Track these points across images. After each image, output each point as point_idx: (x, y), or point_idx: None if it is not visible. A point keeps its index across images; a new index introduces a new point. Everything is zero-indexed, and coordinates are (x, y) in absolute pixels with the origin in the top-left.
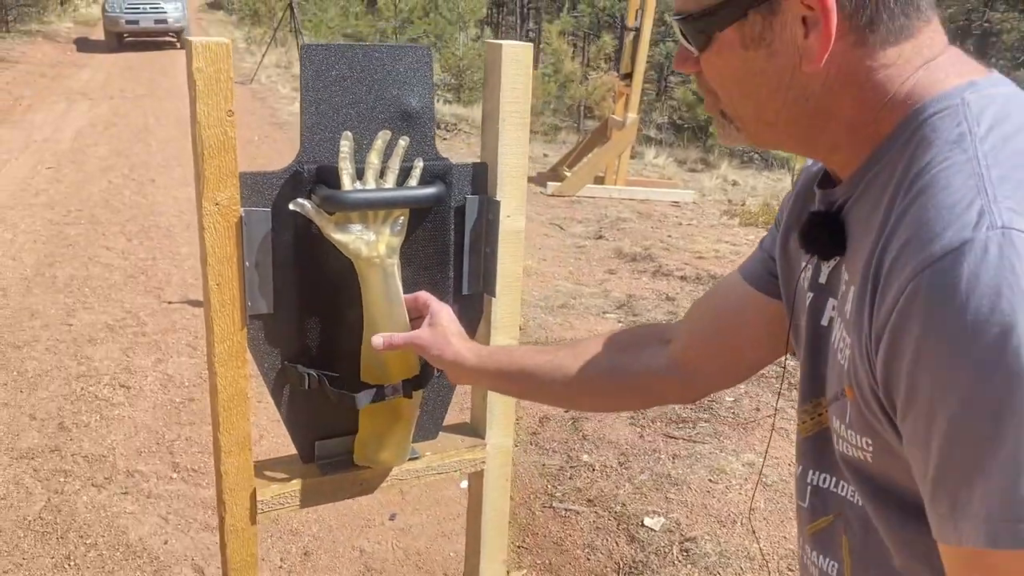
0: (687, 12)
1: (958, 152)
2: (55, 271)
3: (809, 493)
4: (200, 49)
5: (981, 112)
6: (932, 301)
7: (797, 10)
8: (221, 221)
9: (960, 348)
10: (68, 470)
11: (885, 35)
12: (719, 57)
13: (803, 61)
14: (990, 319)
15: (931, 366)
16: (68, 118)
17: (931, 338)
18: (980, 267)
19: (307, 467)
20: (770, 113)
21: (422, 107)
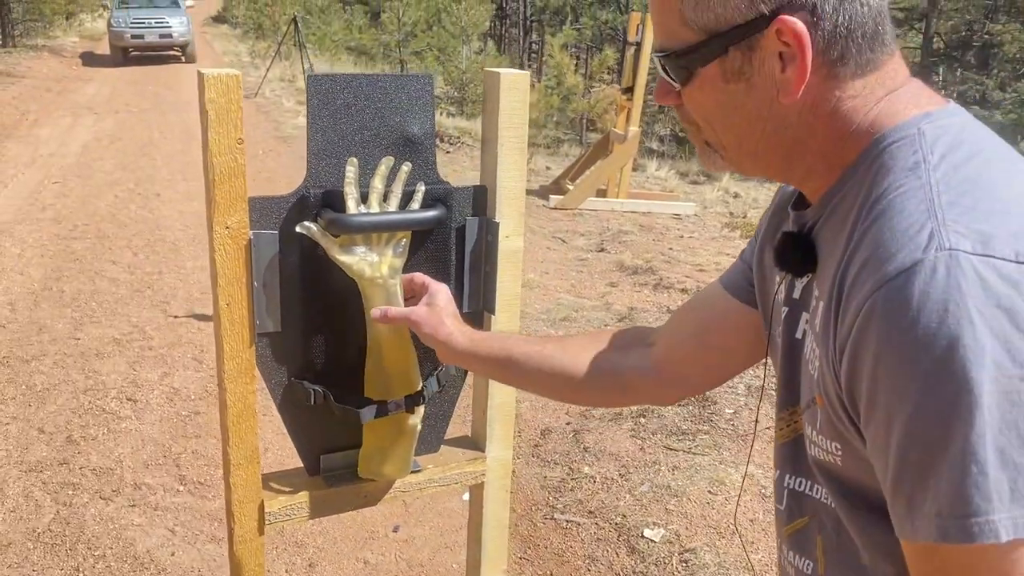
0: (669, 49)
1: (913, 179)
2: (62, 285)
3: (786, 496)
4: (212, 81)
5: (935, 141)
6: (887, 317)
7: (774, 47)
8: (231, 244)
9: (912, 360)
10: (76, 483)
11: (854, 68)
12: (701, 91)
13: (780, 93)
14: (938, 333)
15: (887, 377)
16: (74, 132)
17: (886, 351)
18: (929, 286)
19: (313, 480)
20: (750, 143)
21: (424, 133)
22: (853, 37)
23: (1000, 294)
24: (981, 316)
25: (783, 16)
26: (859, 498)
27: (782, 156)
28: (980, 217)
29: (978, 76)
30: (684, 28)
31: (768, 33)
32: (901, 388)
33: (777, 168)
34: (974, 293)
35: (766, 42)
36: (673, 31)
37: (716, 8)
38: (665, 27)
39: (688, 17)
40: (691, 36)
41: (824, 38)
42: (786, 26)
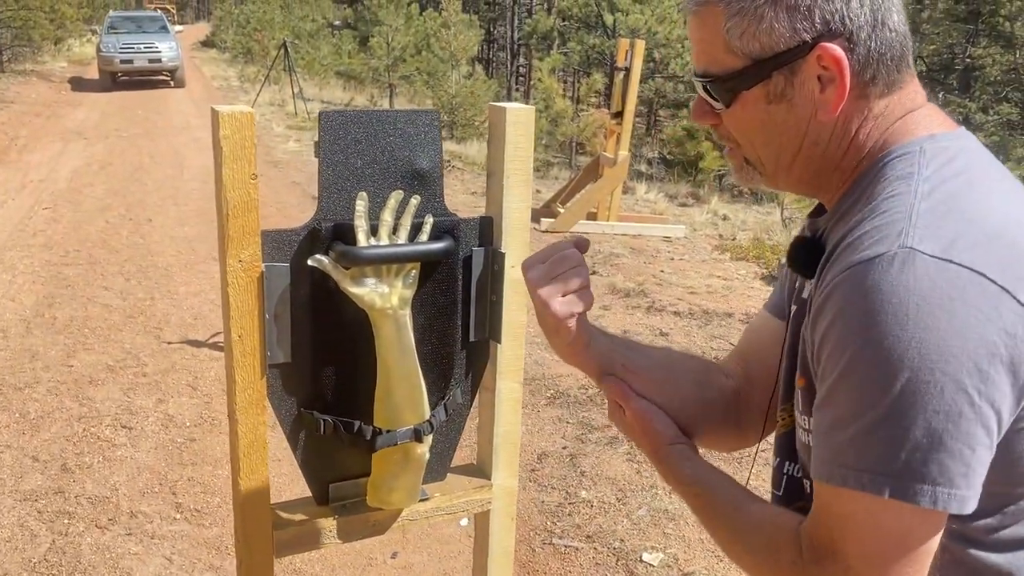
0: (715, 74)
1: (902, 186)
2: (54, 312)
3: (785, 482)
4: (226, 118)
5: (932, 158)
6: (844, 294)
7: (814, 70)
8: (243, 277)
9: (854, 331)
10: (72, 512)
11: (882, 88)
12: (743, 111)
13: (819, 112)
14: (879, 314)
15: (833, 341)
16: (64, 158)
17: (837, 321)
18: (884, 275)
19: (321, 509)
20: (787, 158)
21: (431, 167)
22: (883, 60)
23: (944, 295)
24: (919, 311)
25: (824, 44)
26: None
27: (813, 170)
28: (949, 225)
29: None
30: (729, 55)
31: (809, 58)
32: (839, 353)
33: (808, 182)
34: (919, 290)
35: (807, 66)
36: (717, 58)
37: (762, 37)
38: (709, 54)
39: (734, 45)
40: (736, 62)
41: (859, 61)
42: (827, 52)
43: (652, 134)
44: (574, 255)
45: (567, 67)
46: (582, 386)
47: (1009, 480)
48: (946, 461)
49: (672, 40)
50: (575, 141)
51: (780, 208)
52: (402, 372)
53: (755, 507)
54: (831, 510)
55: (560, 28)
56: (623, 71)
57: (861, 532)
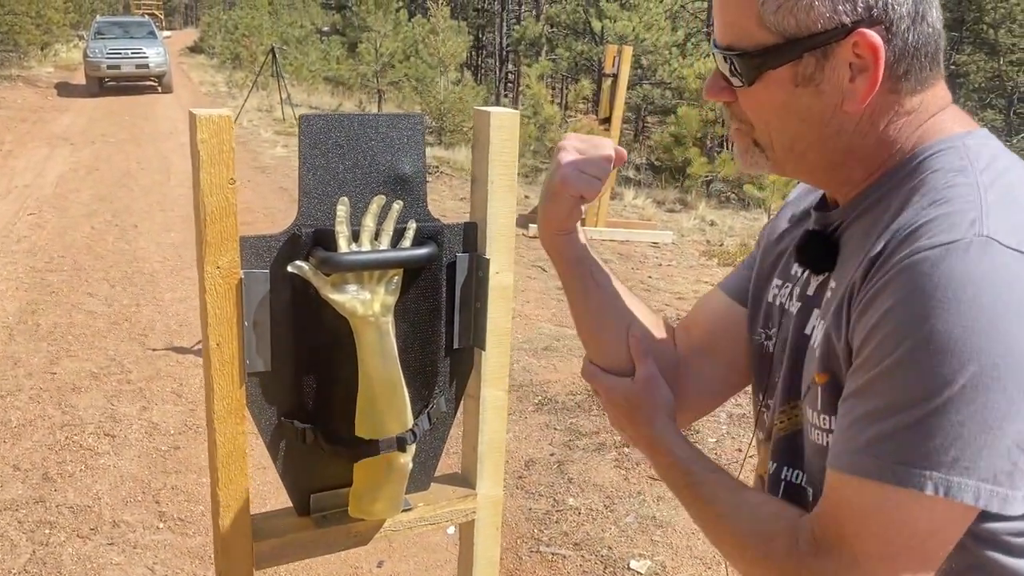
0: (742, 48)
1: (961, 178)
2: (38, 319)
3: (783, 489)
4: (204, 122)
5: (979, 153)
6: (911, 279)
7: (847, 57)
8: (222, 283)
9: (918, 318)
10: (53, 521)
11: (913, 84)
12: (766, 91)
13: (846, 102)
14: (951, 302)
15: (888, 328)
16: (50, 163)
17: (897, 308)
18: (958, 261)
19: (303, 519)
20: (802, 145)
21: (415, 172)
22: (918, 55)
23: (1021, 288)
24: (994, 302)
25: (862, 29)
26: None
27: (829, 161)
28: (1019, 217)
29: None
30: (761, 29)
31: (845, 43)
32: (894, 344)
33: (820, 172)
34: (997, 280)
35: (841, 51)
36: (747, 31)
37: (799, 14)
38: (738, 26)
39: (767, 20)
40: (767, 38)
41: (895, 54)
42: (864, 39)
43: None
44: (608, 149)
45: (555, 73)
46: (570, 392)
47: None
48: (995, 459)
49: (660, 47)
50: None
51: (767, 213)
52: (384, 380)
53: (750, 493)
54: (850, 503)
55: (548, 35)
56: (611, 77)
57: (882, 528)
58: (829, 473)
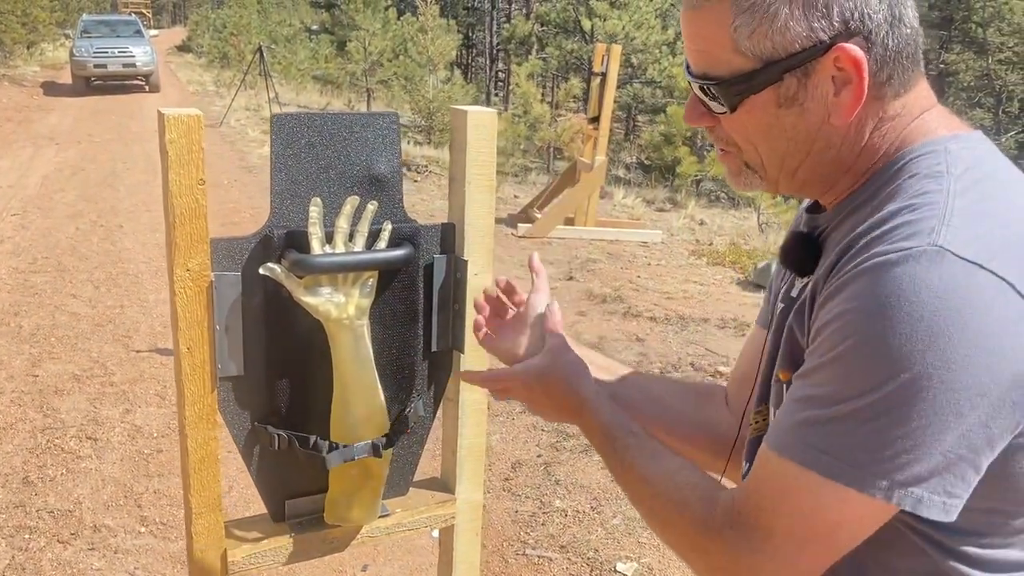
0: (718, 76)
1: (933, 184)
2: (20, 320)
3: None
4: (172, 121)
5: (959, 158)
6: (865, 282)
7: (829, 71)
8: (192, 286)
9: (864, 320)
10: (33, 526)
11: (896, 87)
12: (749, 116)
13: (832, 116)
14: (895, 308)
15: (838, 324)
16: (35, 163)
17: (850, 306)
18: (909, 269)
19: (278, 526)
20: (794, 162)
21: (390, 171)
22: (900, 59)
23: (966, 302)
24: (935, 314)
25: (842, 44)
26: None
27: (820, 175)
28: (983, 228)
29: None
30: (736, 55)
31: (825, 59)
32: (840, 338)
33: (814, 187)
34: (942, 292)
35: (822, 68)
36: (722, 58)
37: (775, 36)
38: (711, 55)
39: (742, 45)
40: (744, 63)
41: (877, 62)
42: (845, 53)
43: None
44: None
45: (545, 72)
46: None
47: (1004, 499)
48: (914, 463)
49: (650, 45)
50: (553, 146)
51: (757, 213)
52: (360, 385)
53: (669, 459)
54: (774, 482)
55: (538, 33)
56: (600, 76)
57: (799, 511)
58: (762, 448)
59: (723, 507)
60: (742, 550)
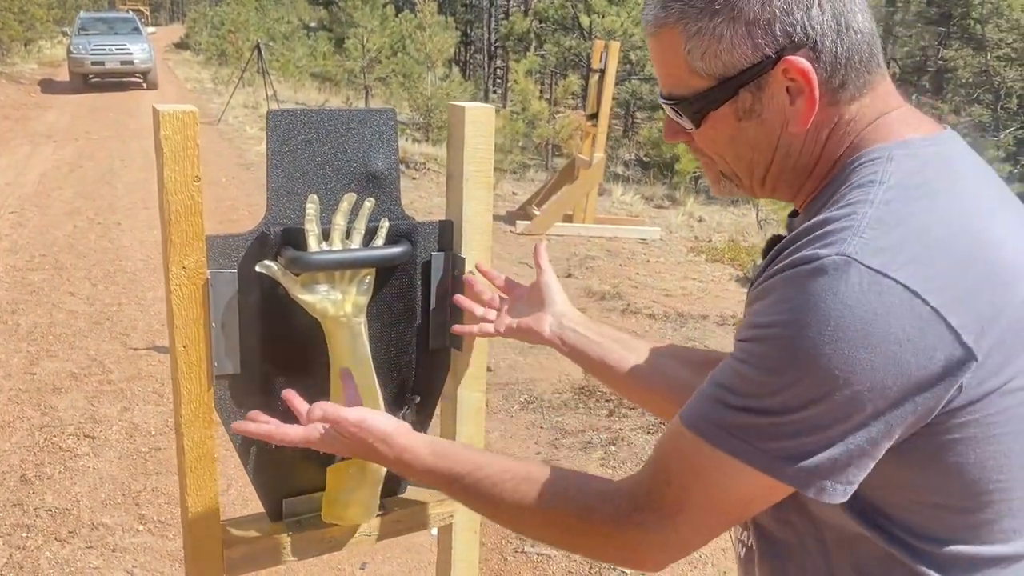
0: (681, 97)
1: (860, 193)
2: (18, 318)
3: None
4: (167, 117)
5: (900, 165)
6: (781, 289)
7: (781, 82)
8: (188, 284)
9: (777, 323)
10: (31, 524)
11: (852, 91)
12: (714, 130)
13: (790, 124)
14: (804, 315)
15: (760, 318)
16: (32, 161)
17: (772, 305)
18: (817, 279)
19: (275, 525)
20: (761, 170)
21: (387, 168)
22: (851, 64)
23: (870, 310)
24: (840, 322)
25: (788, 57)
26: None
27: (788, 180)
28: (895, 236)
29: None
30: (694, 76)
31: (775, 72)
32: (756, 337)
33: (784, 191)
34: (846, 300)
35: (774, 80)
36: (682, 79)
37: (723, 56)
38: (673, 77)
39: (696, 66)
40: (701, 83)
41: (827, 70)
42: (792, 65)
43: (629, 136)
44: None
45: (544, 69)
46: (556, 391)
47: (950, 494)
48: (820, 454)
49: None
50: (551, 143)
51: (756, 210)
52: (358, 382)
53: (537, 474)
54: (685, 458)
55: (536, 30)
56: (598, 73)
57: (711, 487)
58: (674, 421)
59: (626, 493)
60: (651, 526)
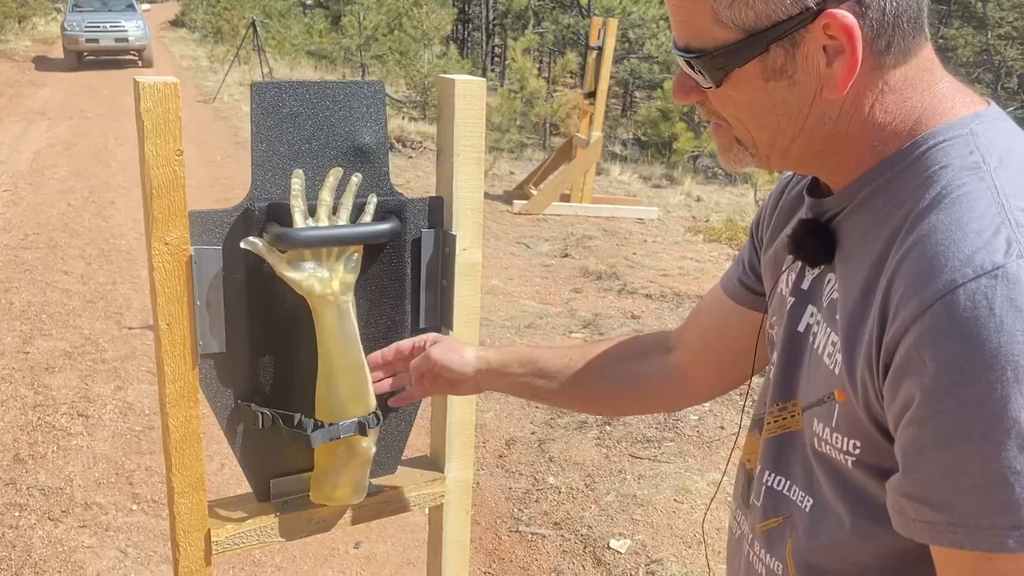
0: (702, 49)
1: (975, 179)
2: (11, 297)
3: (763, 493)
4: (148, 89)
5: (990, 143)
6: (965, 321)
7: (819, 40)
8: (171, 260)
9: (991, 368)
10: (23, 503)
11: (897, 56)
12: (736, 90)
13: (825, 89)
14: (1008, 344)
15: (954, 380)
16: (26, 139)
17: (957, 356)
18: (1014, 292)
19: (262, 505)
20: (786, 139)
21: (375, 142)
22: (900, 23)
23: None
24: None
25: (831, 10)
26: (864, 503)
27: (815, 151)
28: None
29: None
30: (717, 27)
31: (814, 28)
32: (971, 396)
33: (808, 164)
34: None
35: (811, 36)
36: (704, 30)
37: (757, 5)
38: (692, 26)
39: (722, 15)
40: (727, 35)
41: (872, 28)
42: (835, 20)
43: (627, 115)
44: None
45: (541, 47)
46: None
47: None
48: None
49: (647, 20)
50: (549, 122)
51: (754, 189)
52: (345, 362)
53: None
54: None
55: (534, 7)
56: (596, 50)
57: None
58: (934, 551)
59: None
60: None
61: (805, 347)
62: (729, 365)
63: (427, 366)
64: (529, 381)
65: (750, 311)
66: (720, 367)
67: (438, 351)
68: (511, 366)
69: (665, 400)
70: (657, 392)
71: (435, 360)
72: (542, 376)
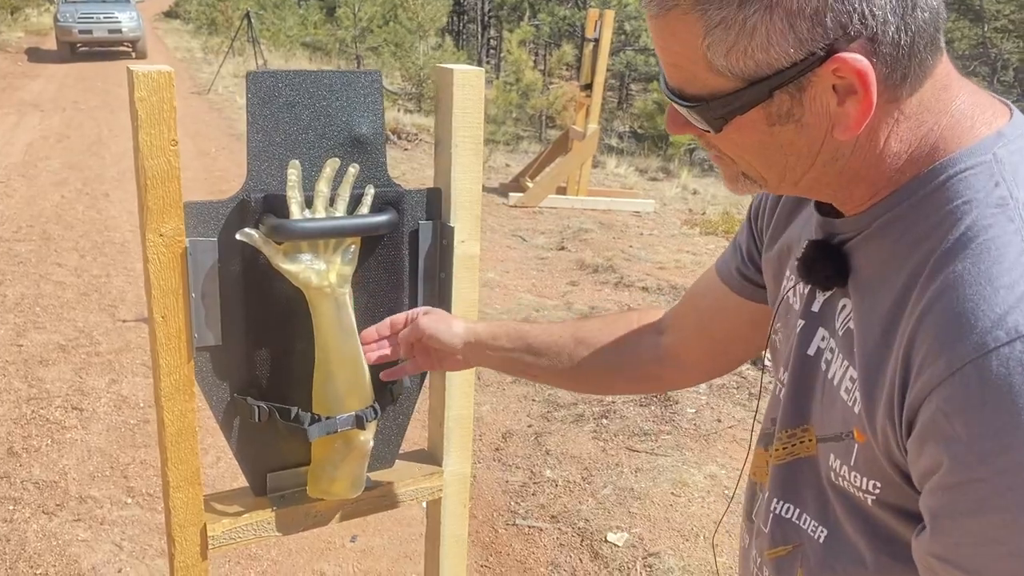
0: (696, 97)
1: (1003, 220)
2: (4, 290)
3: (771, 521)
4: (142, 78)
5: (1015, 171)
6: (999, 387)
7: (828, 80)
8: (165, 252)
9: (1001, 446)
10: (18, 497)
11: (913, 84)
12: (738, 134)
13: (837, 129)
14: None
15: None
16: (19, 131)
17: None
18: None
19: (259, 500)
20: (796, 175)
21: (372, 133)
22: (916, 51)
23: None
24: None
25: (840, 55)
26: (886, 540)
27: (829, 183)
28: None
29: None
30: (713, 75)
31: (822, 71)
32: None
33: (821, 192)
34: None
35: (818, 79)
36: (697, 77)
37: (756, 55)
38: (685, 71)
39: (717, 64)
40: (724, 84)
41: (887, 64)
42: (845, 64)
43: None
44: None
45: (537, 39)
46: None
47: None
48: None
49: (643, 12)
50: (545, 114)
51: None
52: (343, 355)
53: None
54: None
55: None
56: (592, 42)
57: None
58: None
59: None
60: None
61: (817, 373)
62: (723, 349)
63: (416, 335)
64: (518, 357)
65: (748, 301)
66: (714, 351)
67: (427, 321)
68: (500, 339)
69: (657, 381)
70: (649, 373)
71: (423, 329)
72: (532, 352)
